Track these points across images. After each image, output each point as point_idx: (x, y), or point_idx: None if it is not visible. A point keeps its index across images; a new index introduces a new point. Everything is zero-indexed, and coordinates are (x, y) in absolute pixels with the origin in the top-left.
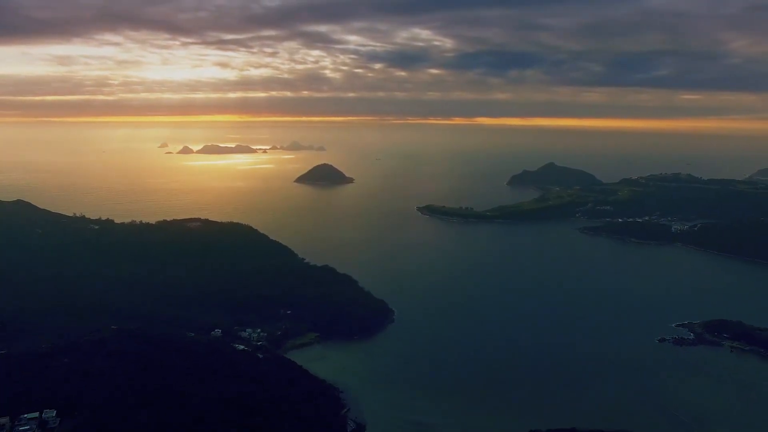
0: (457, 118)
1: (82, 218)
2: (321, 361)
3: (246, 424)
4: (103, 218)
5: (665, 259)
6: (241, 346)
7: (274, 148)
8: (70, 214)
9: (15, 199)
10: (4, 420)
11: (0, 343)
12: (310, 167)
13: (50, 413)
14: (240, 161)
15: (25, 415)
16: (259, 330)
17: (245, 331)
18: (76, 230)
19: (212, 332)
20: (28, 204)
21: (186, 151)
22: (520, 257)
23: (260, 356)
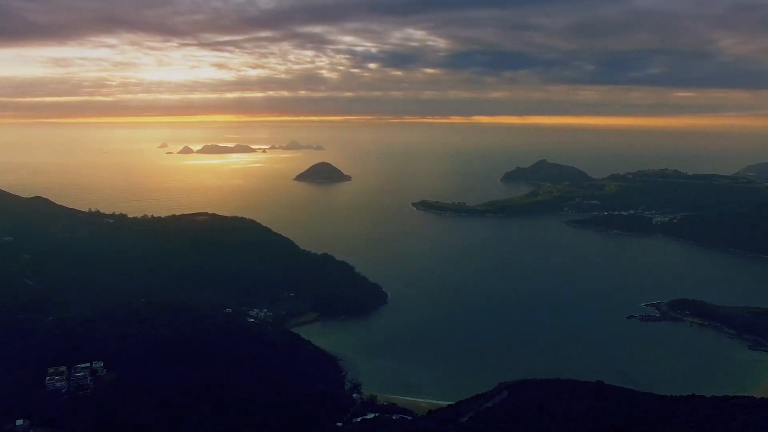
0: (454, 117)
1: (97, 213)
2: (322, 336)
3: (260, 377)
4: (116, 213)
5: (643, 249)
6: (252, 319)
7: (273, 147)
8: (85, 210)
9: (33, 196)
10: (63, 368)
11: (52, 309)
12: (308, 166)
13: (98, 364)
14: (240, 160)
15: (79, 365)
16: (265, 310)
17: (252, 310)
18: (92, 223)
19: (223, 311)
20: (46, 200)
21: (186, 151)
22: (507, 247)
23: (269, 327)
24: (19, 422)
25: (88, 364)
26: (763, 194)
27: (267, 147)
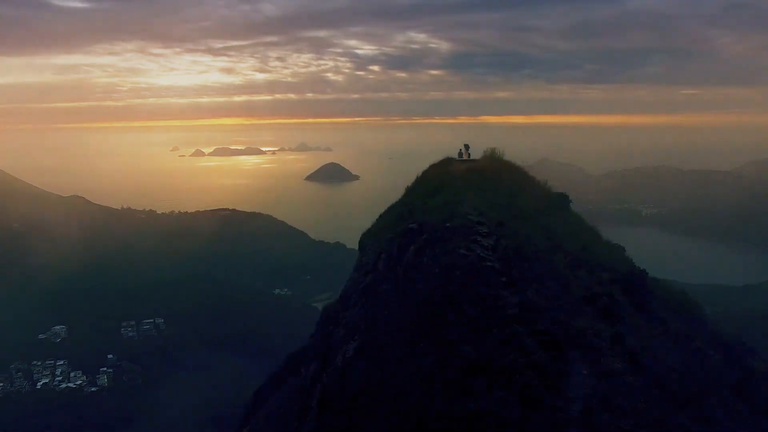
0: (462, 117)
1: (129, 209)
2: None
3: (287, 333)
4: (146, 210)
5: (629, 238)
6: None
7: (282, 149)
8: (118, 207)
9: (72, 195)
10: (133, 322)
11: (118, 281)
12: (318, 166)
13: (159, 320)
14: (251, 162)
15: (145, 320)
16: (285, 289)
17: (275, 290)
18: (126, 218)
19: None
20: (83, 198)
21: (198, 153)
22: None
23: (290, 301)
24: (110, 356)
25: (152, 320)
26: (752, 189)
27: (276, 149)
